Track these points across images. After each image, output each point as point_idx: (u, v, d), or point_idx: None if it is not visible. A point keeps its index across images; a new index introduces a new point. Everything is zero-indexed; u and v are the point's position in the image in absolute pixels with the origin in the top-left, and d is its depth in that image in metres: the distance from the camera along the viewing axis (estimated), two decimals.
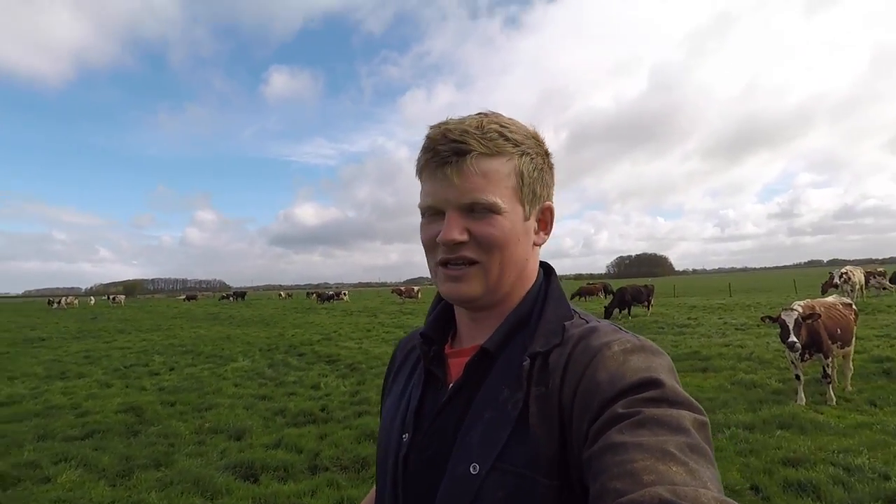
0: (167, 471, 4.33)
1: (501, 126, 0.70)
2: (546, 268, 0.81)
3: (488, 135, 0.68)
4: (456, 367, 0.74)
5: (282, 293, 65.64)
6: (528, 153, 0.71)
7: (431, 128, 0.72)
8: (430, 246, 0.72)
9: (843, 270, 20.20)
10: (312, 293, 47.91)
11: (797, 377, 5.94)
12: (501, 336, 0.71)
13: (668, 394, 0.57)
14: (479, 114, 0.72)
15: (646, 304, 18.37)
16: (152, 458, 4.61)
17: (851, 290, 18.95)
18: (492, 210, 0.68)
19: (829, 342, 5.92)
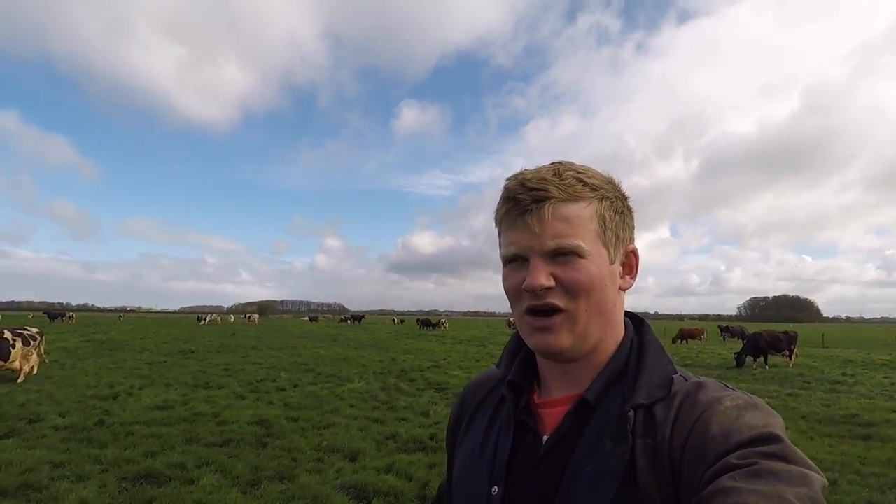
0: (290, 484, 4.62)
1: (578, 172, 0.70)
2: (636, 319, 0.78)
3: (566, 181, 0.69)
4: (549, 417, 0.72)
5: (395, 318, 68.43)
6: (608, 197, 0.71)
7: (508, 179, 0.72)
8: (515, 294, 0.71)
9: None
10: (420, 320, 49.45)
11: None
12: (600, 387, 0.69)
13: (786, 451, 0.54)
14: (553, 163, 0.73)
15: (786, 353, 16.05)
16: (277, 471, 4.95)
17: None
18: (577, 253, 0.67)
19: None
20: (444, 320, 45.00)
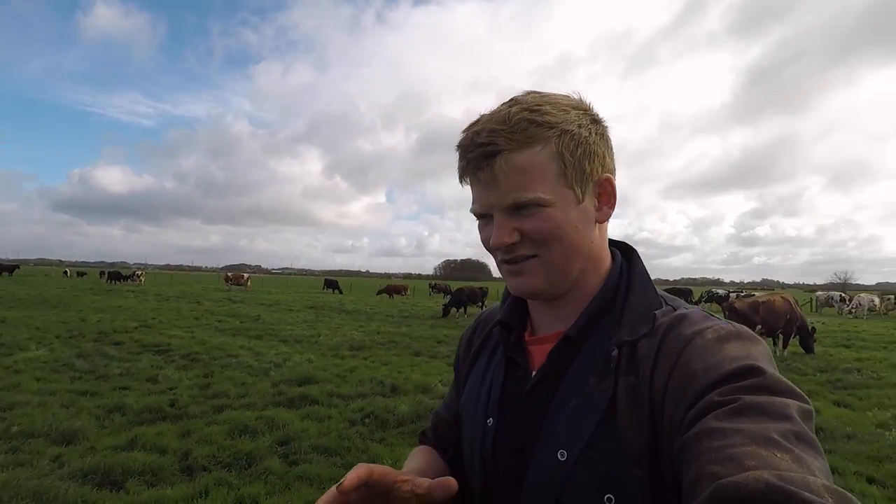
0: None
1: (531, 111, 0.65)
2: (626, 249, 0.77)
3: (516, 126, 0.64)
4: (537, 354, 0.73)
5: (67, 270, 55.04)
6: (569, 130, 0.66)
7: (463, 132, 0.69)
8: (489, 248, 0.70)
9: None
10: (105, 273, 40.86)
11: None
12: (584, 323, 0.69)
13: (768, 381, 0.53)
14: (511, 100, 0.68)
15: (480, 304, 20.34)
16: None
17: None
18: (537, 204, 0.65)
19: None
20: (139, 273, 38.34)
